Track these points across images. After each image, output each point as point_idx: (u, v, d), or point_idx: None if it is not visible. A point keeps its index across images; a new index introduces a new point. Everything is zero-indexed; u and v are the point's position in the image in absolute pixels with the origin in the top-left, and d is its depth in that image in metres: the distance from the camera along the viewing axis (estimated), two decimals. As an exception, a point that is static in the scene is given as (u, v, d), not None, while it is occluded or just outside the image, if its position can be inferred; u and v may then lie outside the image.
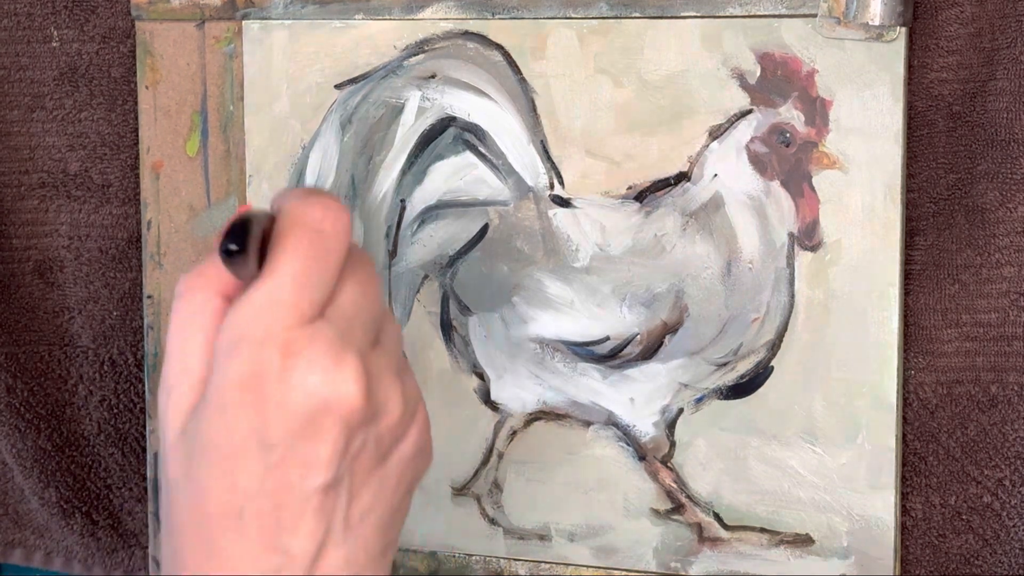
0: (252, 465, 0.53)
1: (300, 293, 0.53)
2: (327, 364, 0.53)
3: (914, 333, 0.72)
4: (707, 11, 0.72)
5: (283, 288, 0.53)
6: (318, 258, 0.54)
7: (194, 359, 0.55)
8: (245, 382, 0.53)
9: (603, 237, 0.75)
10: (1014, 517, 0.72)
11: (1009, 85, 0.70)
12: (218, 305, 0.55)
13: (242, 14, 0.81)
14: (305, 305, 0.53)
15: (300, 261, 0.53)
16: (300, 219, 0.54)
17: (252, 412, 0.53)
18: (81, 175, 0.86)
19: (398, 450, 0.56)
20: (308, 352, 0.53)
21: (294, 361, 0.53)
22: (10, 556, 0.91)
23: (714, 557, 0.75)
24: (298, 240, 0.53)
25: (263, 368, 0.52)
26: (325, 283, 0.54)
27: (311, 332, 0.53)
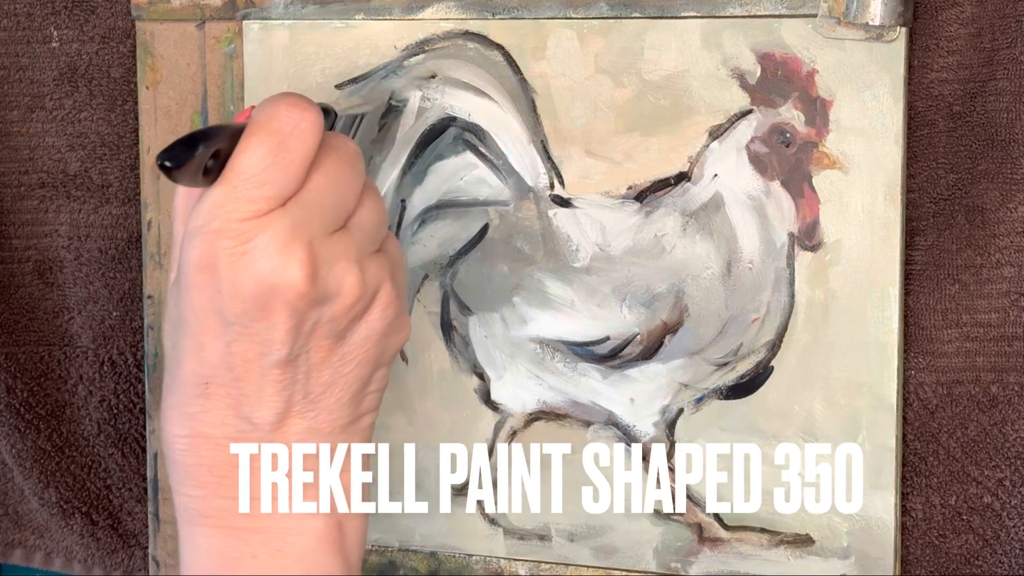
0: (215, 340, 0.60)
1: (257, 190, 0.59)
2: (274, 251, 0.59)
3: (914, 333, 0.72)
4: (707, 11, 0.72)
5: (239, 185, 0.59)
6: (277, 157, 0.60)
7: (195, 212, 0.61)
8: (202, 265, 0.59)
9: (603, 237, 0.75)
10: (1014, 517, 0.72)
11: (1009, 85, 0.70)
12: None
13: (242, 14, 0.81)
14: (262, 200, 0.59)
15: (258, 160, 0.59)
16: (263, 122, 0.60)
17: (210, 292, 0.59)
18: (81, 175, 0.86)
19: (359, 328, 0.62)
20: (258, 240, 0.59)
21: (244, 248, 0.59)
22: (10, 556, 0.91)
23: (714, 557, 0.75)
24: (258, 141, 0.60)
25: (216, 254, 0.59)
26: (287, 179, 0.60)
27: (264, 222, 0.59)
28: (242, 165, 0.59)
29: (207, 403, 0.61)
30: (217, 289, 0.59)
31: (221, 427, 0.61)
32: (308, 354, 0.61)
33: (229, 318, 0.59)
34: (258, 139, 0.60)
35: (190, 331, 0.60)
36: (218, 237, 0.59)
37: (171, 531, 0.86)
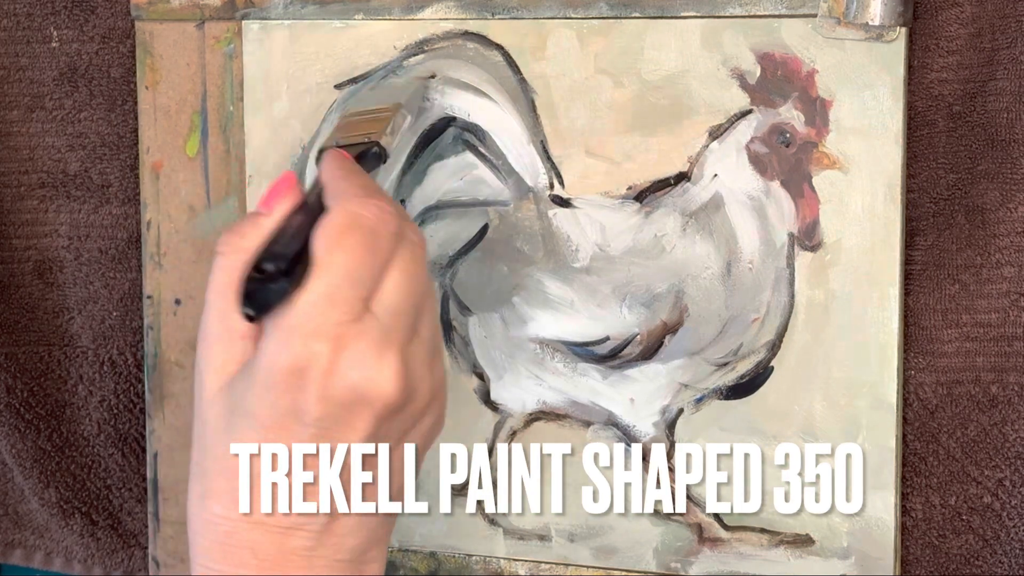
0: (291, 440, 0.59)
1: (351, 290, 0.58)
2: (370, 361, 0.58)
3: (914, 333, 0.72)
4: (707, 11, 0.72)
5: (336, 285, 0.58)
6: (369, 257, 0.59)
7: (233, 319, 0.60)
8: (294, 369, 0.58)
9: (603, 237, 0.75)
10: (1014, 517, 0.72)
11: (1009, 85, 0.69)
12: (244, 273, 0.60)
13: (242, 14, 0.80)
14: (355, 301, 0.58)
15: (354, 261, 0.58)
16: (356, 220, 0.59)
17: (296, 396, 0.58)
18: (81, 175, 0.86)
19: (418, 428, 0.62)
20: (354, 347, 0.58)
21: (340, 355, 0.58)
22: (10, 556, 0.91)
23: (714, 557, 0.75)
24: (354, 240, 0.59)
25: (312, 359, 0.58)
26: (374, 278, 0.59)
27: (358, 329, 0.58)
28: (338, 265, 0.58)
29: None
30: (303, 391, 0.58)
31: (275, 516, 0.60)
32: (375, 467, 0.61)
33: (308, 421, 0.58)
34: (355, 238, 0.59)
35: (259, 425, 0.59)
36: (313, 341, 0.58)
37: (171, 531, 0.86)
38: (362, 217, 0.59)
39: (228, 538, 0.60)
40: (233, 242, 0.61)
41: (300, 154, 0.80)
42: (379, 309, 0.59)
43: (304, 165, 0.80)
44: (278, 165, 0.81)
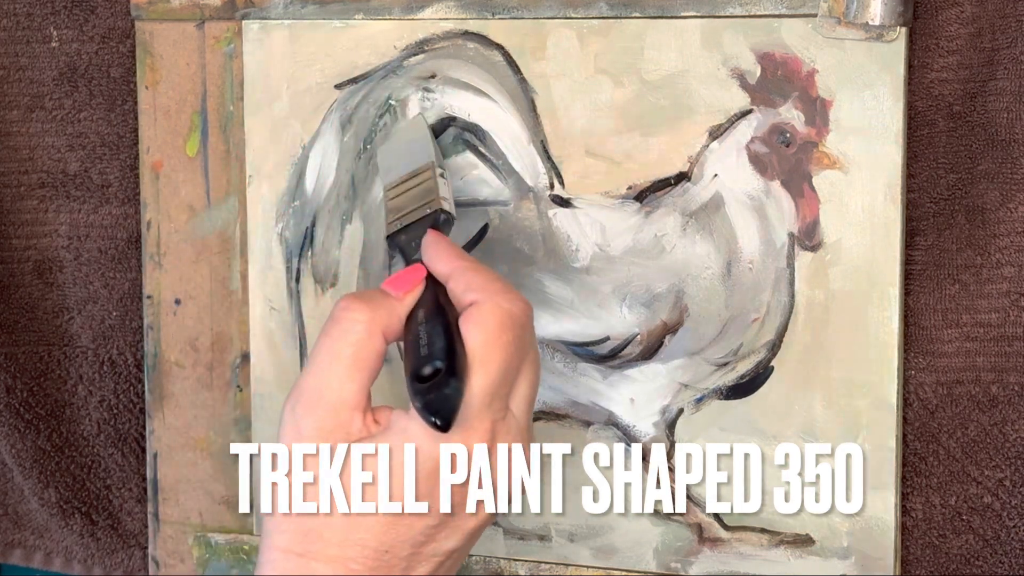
0: (417, 523, 0.61)
1: (503, 388, 0.61)
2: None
3: (914, 333, 0.72)
4: (707, 11, 0.72)
5: (495, 384, 0.60)
6: (518, 355, 0.61)
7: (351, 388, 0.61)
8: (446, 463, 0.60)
9: (603, 237, 0.75)
10: (1014, 517, 0.72)
11: (1009, 85, 0.69)
12: (381, 345, 0.62)
13: (242, 14, 0.80)
14: (505, 398, 0.61)
15: (508, 359, 0.60)
16: (510, 317, 0.61)
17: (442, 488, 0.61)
18: (81, 175, 0.86)
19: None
20: (500, 447, 0.61)
21: (493, 451, 0.61)
22: (10, 556, 0.91)
23: (714, 557, 0.75)
24: (509, 338, 0.60)
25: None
26: (517, 375, 0.62)
27: (506, 426, 0.61)
28: (497, 364, 0.60)
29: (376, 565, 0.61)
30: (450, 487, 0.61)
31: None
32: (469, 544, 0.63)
33: (445, 508, 0.61)
34: (509, 335, 0.60)
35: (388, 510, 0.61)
36: (473, 439, 0.60)
37: (171, 531, 0.86)
38: (513, 315, 0.61)
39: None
40: (363, 311, 0.62)
41: (300, 154, 0.80)
42: (515, 405, 0.62)
43: (304, 165, 0.80)
44: (278, 165, 0.81)
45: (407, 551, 0.61)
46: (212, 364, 0.84)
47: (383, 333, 0.62)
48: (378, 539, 0.60)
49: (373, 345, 0.61)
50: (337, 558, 0.61)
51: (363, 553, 0.60)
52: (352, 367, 0.61)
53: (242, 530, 0.84)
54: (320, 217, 0.80)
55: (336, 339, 0.61)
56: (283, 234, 0.81)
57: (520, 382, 0.62)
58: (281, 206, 0.81)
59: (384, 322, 0.62)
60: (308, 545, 0.61)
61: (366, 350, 0.61)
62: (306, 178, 0.80)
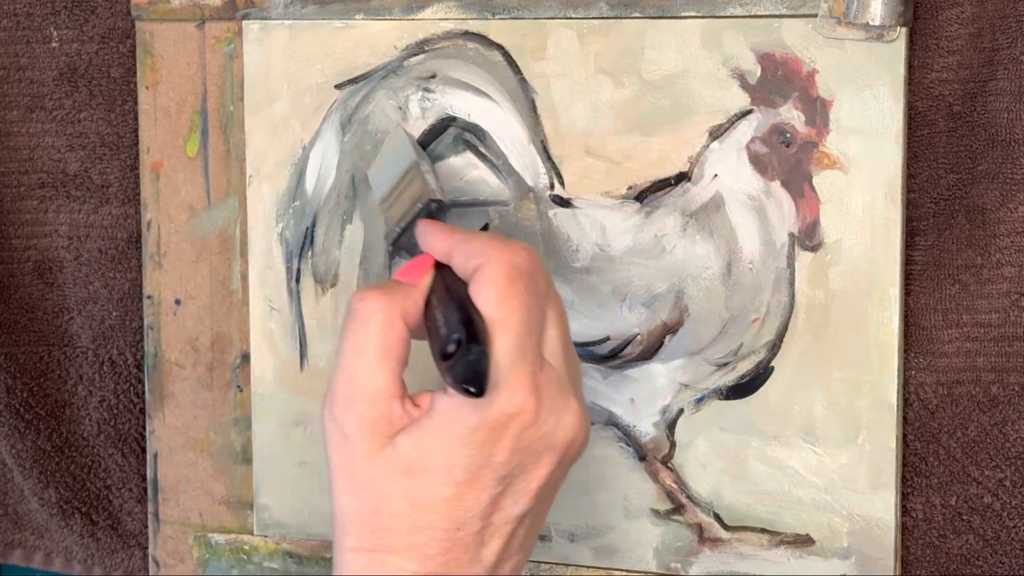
0: (482, 493, 0.60)
1: (531, 338, 0.60)
2: (558, 408, 0.60)
3: (914, 333, 0.72)
4: (707, 11, 0.72)
5: (519, 337, 0.59)
6: (536, 300, 0.60)
7: (382, 378, 0.60)
8: (498, 424, 0.59)
9: (603, 237, 0.75)
10: (1015, 517, 0.72)
11: (1009, 85, 0.69)
12: (404, 330, 0.61)
13: (242, 14, 0.81)
14: (536, 348, 0.60)
15: (526, 308, 0.59)
16: (515, 267, 0.60)
17: (492, 449, 0.59)
18: (81, 175, 0.86)
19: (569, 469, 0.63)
20: (546, 396, 0.59)
21: (539, 405, 0.59)
22: (10, 556, 0.91)
23: (714, 557, 0.75)
24: (520, 287, 0.59)
25: (516, 411, 0.59)
26: (542, 322, 0.60)
27: (546, 377, 0.60)
28: (515, 316, 0.59)
29: (450, 546, 0.60)
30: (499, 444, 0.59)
31: (457, 568, 0.61)
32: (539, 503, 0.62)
33: (501, 472, 0.60)
34: (520, 285, 0.60)
35: (452, 481, 0.59)
36: (516, 396, 0.59)
37: (171, 531, 0.86)
38: (517, 263, 0.60)
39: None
40: (380, 300, 0.61)
41: (300, 154, 0.80)
42: (550, 355, 0.61)
43: (304, 165, 0.80)
44: (278, 165, 0.81)
45: (477, 525, 0.60)
46: (212, 364, 0.84)
47: (403, 318, 0.61)
48: (447, 519, 0.60)
49: (396, 331, 0.61)
50: (410, 546, 0.60)
51: (435, 536, 0.60)
52: (380, 356, 0.60)
53: (242, 530, 0.84)
54: (320, 217, 0.80)
55: (357, 331, 0.61)
56: (283, 234, 0.81)
57: (548, 329, 0.61)
58: (281, 206, 0.81)
59: (402, 307, 0.61)
60: (379, 540, 0.60)
61: (390, 337, 0.60)
62: (306, 178, 0.80)
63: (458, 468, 0.59)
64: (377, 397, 0.60)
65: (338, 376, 0.61)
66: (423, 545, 0.60)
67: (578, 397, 0.61)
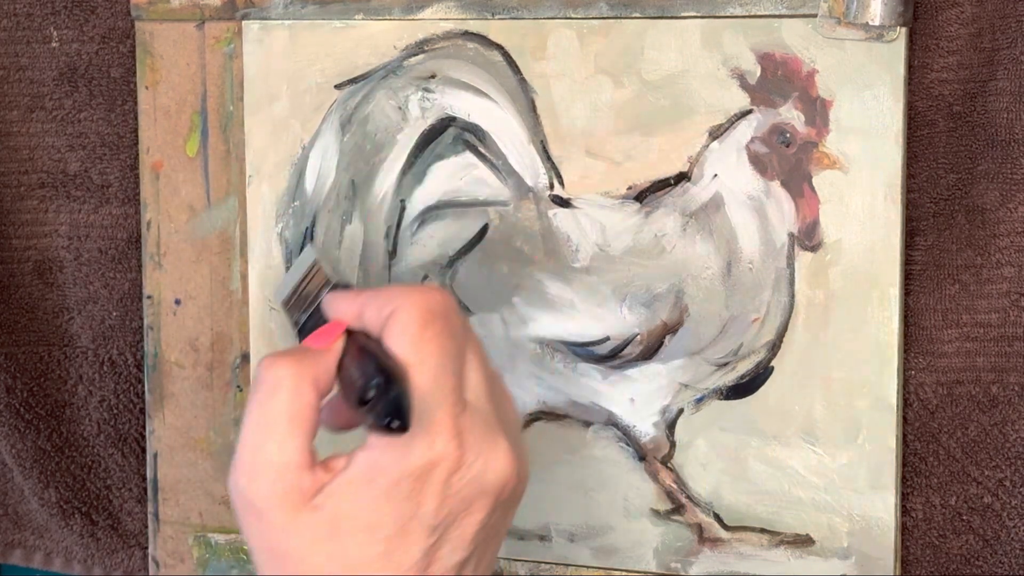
0: (412, 546, 0.57)
1: (449, 381, 0.57)
2: (485, 450, 0.57)
3: (914, 333, 0.72)
4: (707, 11, 0.72)
5: (435, 380, 0.57)
6: (452, 342, 0.58)
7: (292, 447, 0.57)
8: (420, 472, 0.56)
9: (603, 237, 0.75)
10: (1015, 517, 0.72)
11: (1009, 85, 0.69)
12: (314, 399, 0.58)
13: (242, 14, 0.80)
14: (455, 391, 0.57)
15: (442, 350, 0.57)
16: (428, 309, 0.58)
17: (420, 499, 0.57)
18: (81, 175, 0.86)
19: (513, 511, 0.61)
20: (470, 439, 0.57)
21: (463, 449, 0.57)
22: (10, 556, 0.91)
23: (714, 557, 0.75)
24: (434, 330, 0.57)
25: (439, 457, 0.56)
26: (461, 364, 0.58)
27: (469, 419, 0.57)
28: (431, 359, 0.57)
29: None
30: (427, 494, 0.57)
31: None
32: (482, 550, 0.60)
33: (437, 523, 0.57)
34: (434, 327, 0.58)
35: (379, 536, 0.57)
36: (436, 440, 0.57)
37: (171, 531, 0.86)
38: (431, 307, 0.58)
39: None
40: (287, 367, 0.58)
41: (300, 154, 0.80)
42: (472, 396, 0.58)
43: (304, 165, 0.80)
44: (278, 165, 0.81)
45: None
46: (212, 364, 0.84)
47: (313, 385, 0.58)
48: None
49: (305, 398, 0.58)
50: None
51: None
52: (289, 425, 0.57)
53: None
54: (320, 217, 0.80)
55: (264, 400, 0.58)
56: (283, 234, 0.81)
57: (468, 371, 0.59)
58: (281, 206, 0.81)
59: (312, 373, 0.58)
60: None
61: (298, 404, 0.57)
62: (306, 178, 0.80)
63: (385, 523, 0.57)
64: (286, 468, 0.57)
65: (243, 447, 0.58)
66: None
67: (510, 437, 0.59)
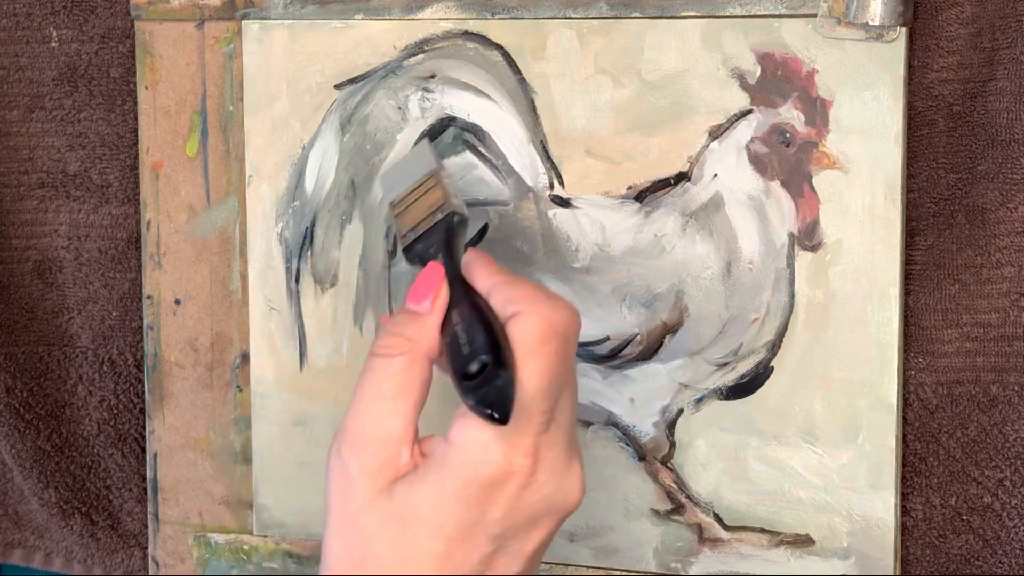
0: (473, 551, 0.58)
1: (546, 402, 0.58)
2: (561, 472, 0.59)
3: (914, 333, 0.72)
4: (707, 11, 0.72)
5: (535, 398, 0.57)
6: (562, 367, 0.58)
7: (395, 423, 0.59)
8: (492, 482, 0.57)
9: (603, 237, 0.75)
10: (1014, 517, 0.72)
11: (1009, 85, 0.69)
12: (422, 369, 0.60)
13: (242, 14, 0.80)
14: (548, 412, 0.58)
15: (551, 371, 0.58)
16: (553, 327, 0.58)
17: (487, 507, 0.58)
18: (80, 175, 0.86)
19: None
20: (547, 459, 0.58)
21: (538, 468, 0.58)
22: (10, 556, 0.91)
23: (714, 557, 0.75)
24: (551, 349, 0.58)
25: (512, 473, 0.58)
26: (562, 387, 0.59)
27: (551, 440, 0.58)
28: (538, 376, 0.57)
29: None
30: (495, 503, 0.58)
31: None
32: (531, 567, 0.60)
33: (500, 534, 0.58)
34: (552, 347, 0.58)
35: (443, 536, 0.58)
36: (515, 455, 0.57)
37: (171, 531, 0.86)
38: (557, 324, 0.58)
39: None
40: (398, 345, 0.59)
41: (300, 154, 0.80)
42: (561, 418, 0.59)
43: (304, 165, 0.80)
44: (278, 165, 0.81)
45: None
46: (212, 364, 0.84)
47: (427, 359, 0.60)
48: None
49: (416, 373, 0.59)
50: None
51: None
52: (396, 400, 0.59)
53: (242, 530, 0.84)
54: (320, 217, 0.80)
55: (376, 375, 0.59)
56: (283, 234, 0.81)
57: (564, 395, 0.59)
58: (281, 206, 0.81)
59: (424, 348, 0.60)
60: None
61: (409, 380, 0.59)
62: (306, 178, 0.80)
63: (450, 523, 0.58)
64: (388, 441, 0.59)
65: (351, 417, 0.60)
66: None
67: (580, 462, 0.60)
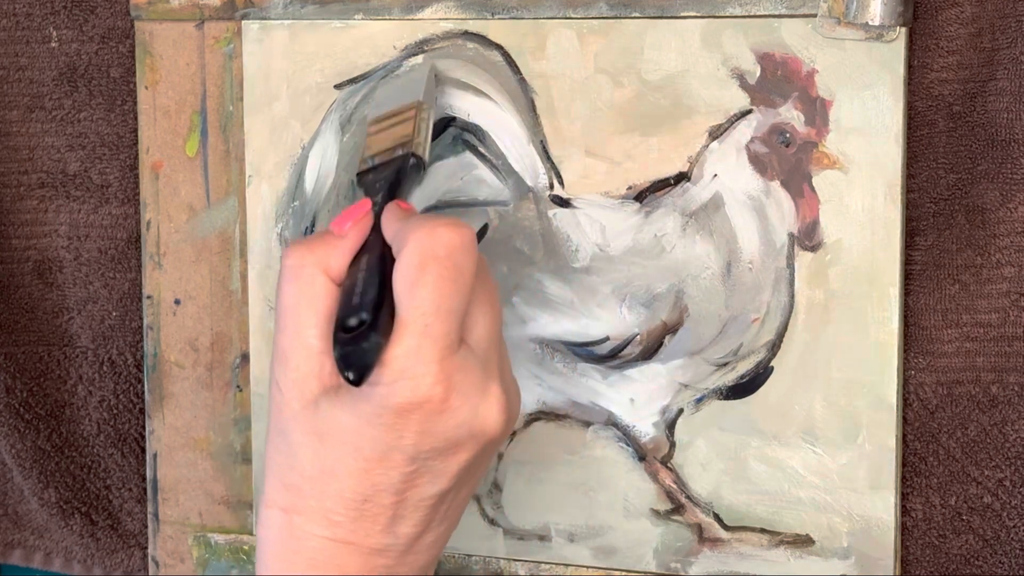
0: (392, 469, 0.59)
1: (443, 324, 0.58)
2: (474, 396, 0.59)
3: (914, 333, 0.72)
4: (707, 11, 0.72)
5: (427, 323, 0.58)
6: (452, 286, 0.58)
7: (310, 333, 0.60)
8: (404, 409, 0.58)
9: (603, 237, 0.75)
10: (1014, 517, 0.72)
11: (1009, 85, 0.69)
12: (326, 283, 0.61)
13: (242, 14, 0.80)
14: (450, 334, 0.58)
15: (439, 293, 0.58)
16: (431, 250, 0.58)
17: (403, 432, 0.59)
18: (80, 175, 0.86)
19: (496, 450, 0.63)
20: (461, 385, 0.59)
21: (450, 394, 0.58)
22: (10, 556, 0.91)
23: (714, 557, 0.75)
24: (435, 273, 0.58)
25: (421, 399, 0.58)
26: (462, 307, 0.59)
27: (460, 363, 0.59)
28: (425, 301, 0.58)
29: (358, 516, 0.60)
30: (411, 429, 0.59)
31: (365, 538, 0.61)
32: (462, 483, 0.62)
33: (413, 455, 0.59)
34: (435, 270, 0.58)
35: (360, 457, 0.59)
36: (422, 381, 0.58)
37: (171, 531, 0.86)
38: (433, 248, 0.59)
39: (316, 555, 0.61)
40: (303, 255, 0.61)
41: (300, 154, 0.80)
42: (473, 340, 0.60)
43: (304, 165, 0.80)
44: (278, 165, 0.81)
45: (389, 499, 0.60)
46: (212, 364, 0.84)
47: (325, 272, 0.61)
48: (353, 490, 0.60)
49: (324, 287, 0.60)
50: (318, 510, 0.60)
51: (343, 504, 0.60)
52: (309, 311, 0.60)
53: (242, 530, 0.84)
54: (320, 217, 0.80)
55: (285, 288, 0.61)
56: (283, 234, 0.81)
57: (474, 316, 0.60)
58: (281, 206, 0.81)
59: (324, 262, 0.61)
60: (292, 499, 0.61)
61: (317, 293, 0.60)
62: (306, 178, 0.80)
63: (366, 446, 0.59)
64: (309, 352, 0.60)
65: (276, 335, 0.62)
66: (331, 511, 0.60)
67: (502, 383, 0.61)
